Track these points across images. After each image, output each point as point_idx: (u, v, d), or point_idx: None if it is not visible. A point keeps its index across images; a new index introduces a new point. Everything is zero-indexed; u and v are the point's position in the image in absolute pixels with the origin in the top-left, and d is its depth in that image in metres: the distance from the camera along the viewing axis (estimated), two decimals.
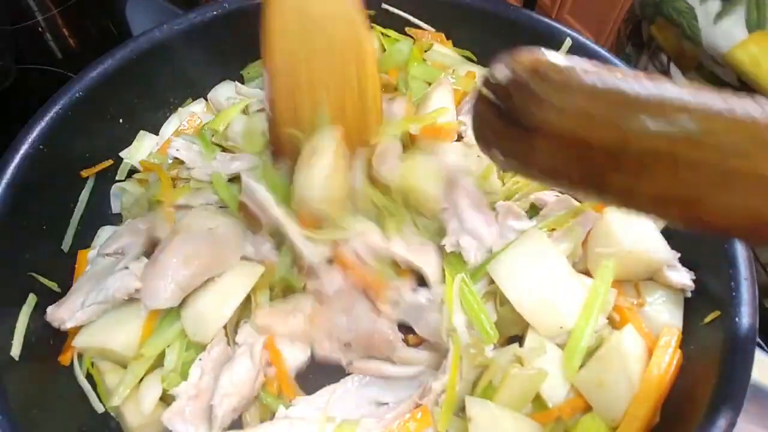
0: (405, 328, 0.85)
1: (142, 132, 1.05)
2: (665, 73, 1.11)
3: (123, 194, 1.01)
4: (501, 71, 0.46)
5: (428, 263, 0.85)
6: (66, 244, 0.93)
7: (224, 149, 0.99)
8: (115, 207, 1.02)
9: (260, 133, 0.96)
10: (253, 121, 1.00)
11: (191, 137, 1.00)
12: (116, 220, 0.99)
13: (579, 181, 0.46)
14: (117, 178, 1.02)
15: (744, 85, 0.96)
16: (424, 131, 0.89)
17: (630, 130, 0.42)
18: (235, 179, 0.94)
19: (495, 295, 0.82)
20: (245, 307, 0.85)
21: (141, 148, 1.03)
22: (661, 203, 0.44)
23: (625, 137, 0.42)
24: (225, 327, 0.83)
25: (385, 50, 1.08)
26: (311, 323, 0.84)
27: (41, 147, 0.86)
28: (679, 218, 0.45)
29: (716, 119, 0.40)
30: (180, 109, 1.10)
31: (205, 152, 0.95)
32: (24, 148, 0.84)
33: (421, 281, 0.86)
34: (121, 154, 1.02)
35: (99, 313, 0.82)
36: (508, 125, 0.47)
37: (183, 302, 0.81)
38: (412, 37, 1.09)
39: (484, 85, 0.48)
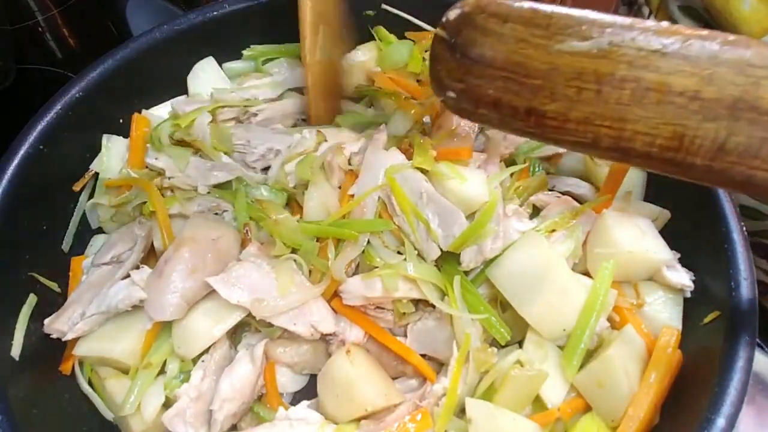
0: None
1: (105, 135, 0.97)
2: None
3: (99, 209, 0.95)
4: (453, 11, 0.54)
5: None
6: (66, 244, 0.93)
7: (187, 145, 0.94)
8: (93, 223, 0.96)
9: (229, 137, 0.94)
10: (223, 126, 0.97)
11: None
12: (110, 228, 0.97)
13: (523, 113, 0.52)
14: (94, 198, 0.94)
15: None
16: (441, 154, 0.85)
17: (557, 51, 0.49)
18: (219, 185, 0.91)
19: (496, 300, 0.82)
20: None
21: (111, 156, 0.96)
22: (592, 127, 0.50)
23: (553, 60, 0.49)
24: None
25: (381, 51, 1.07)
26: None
27: (41, 147, 0.86)
28: (610, 145, 0.50)
29: (621, 33, 0.47)
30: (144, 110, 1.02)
31: (175, 157, 0.92)
32: (24, 148, 0.84)
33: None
34: (92, 165, 0.95)
35: (101, 322, 0.82)
36: (457, 58, 0.54)
37: None
38: (412, 41, 1.08)
39: (440, 27, 0.56)
